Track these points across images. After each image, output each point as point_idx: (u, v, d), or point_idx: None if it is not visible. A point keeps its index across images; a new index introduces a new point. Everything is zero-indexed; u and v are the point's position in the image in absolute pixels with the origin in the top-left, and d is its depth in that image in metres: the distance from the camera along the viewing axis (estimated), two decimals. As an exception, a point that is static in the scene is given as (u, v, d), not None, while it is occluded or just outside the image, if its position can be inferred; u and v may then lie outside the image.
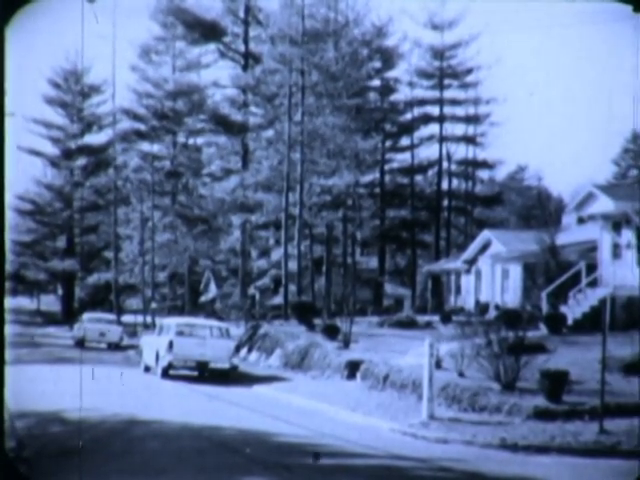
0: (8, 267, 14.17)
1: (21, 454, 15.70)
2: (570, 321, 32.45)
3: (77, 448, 16.60)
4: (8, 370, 14.55)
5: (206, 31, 54.59)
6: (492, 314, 38.10)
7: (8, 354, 14.63)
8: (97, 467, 15.20)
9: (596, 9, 26.30)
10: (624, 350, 24.40)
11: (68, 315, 53.36)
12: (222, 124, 54.40)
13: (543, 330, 31.49)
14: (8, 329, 15.11)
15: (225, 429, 19.53)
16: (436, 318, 40.02)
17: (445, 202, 63.11)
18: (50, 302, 59.90)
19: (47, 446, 16.91)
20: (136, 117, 54.51)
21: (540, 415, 20.28)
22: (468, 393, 22.01)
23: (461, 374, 23.81)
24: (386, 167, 62.49)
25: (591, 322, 30.46)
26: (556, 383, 21.07)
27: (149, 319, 49.53)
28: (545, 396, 21.02)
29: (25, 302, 59.81)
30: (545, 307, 34.14)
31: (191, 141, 57.11)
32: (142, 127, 54.53)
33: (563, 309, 33.22)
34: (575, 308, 32.92)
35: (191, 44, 55.89)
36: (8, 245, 15.04)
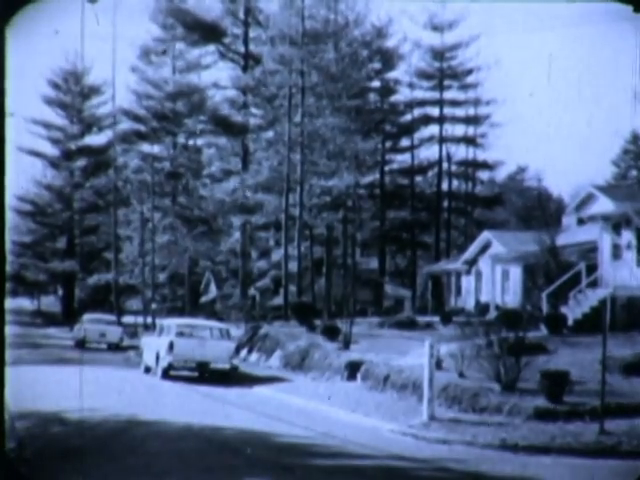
0: (8, 268, 14.12)
1: (22, 454, 15.70)
2: (570, 321, 32.45)
3: (77, 448, 16.60)
4: (8, 370, 14.54)
5: (206, 32, 54.63)
6: (492, 315, 38.09)
7: (8, 355, 14.62)
8: (98, 467, 15.20)
9: (596, 9, 26.33)
10: (624, 350, 24.42)
11: (68, 316, 53.36)
12: (222, 125, 54.43)
13: (543, 331, 31.49)
14: (8, 330, 15.09)
15: (226, 430, 19.53)
16: (436, 319, 40.01)
17: (445, 203, 63.14)
18: (50, 303, 59.95)
19: (47, 446, 16.90)
20: (136, 118, 54.53)
21: (540, 416, 20.28)
22: (468, 394, 22.00)
23: (461, 375, 23.80)
24: (386, 168, 62.53)
25: (591, 323, 30.44)
26: (556, 383, 21.07)
27: (149, 320, 49.53)
28: (545, 396, 21.01)
29: (25, 303, 59.86)
30: (545, 307, 34.14)
31: (191, 142, 57.15)
32: (142, 128, 54.55)
33: (563, 309, 33.22)
34: (575, 309, 32.90)
35: (191, 45, 55.92)
36: (8, 246, 15.02)
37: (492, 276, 43.20)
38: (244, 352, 36.32)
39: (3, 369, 14.37)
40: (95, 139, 57.26)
